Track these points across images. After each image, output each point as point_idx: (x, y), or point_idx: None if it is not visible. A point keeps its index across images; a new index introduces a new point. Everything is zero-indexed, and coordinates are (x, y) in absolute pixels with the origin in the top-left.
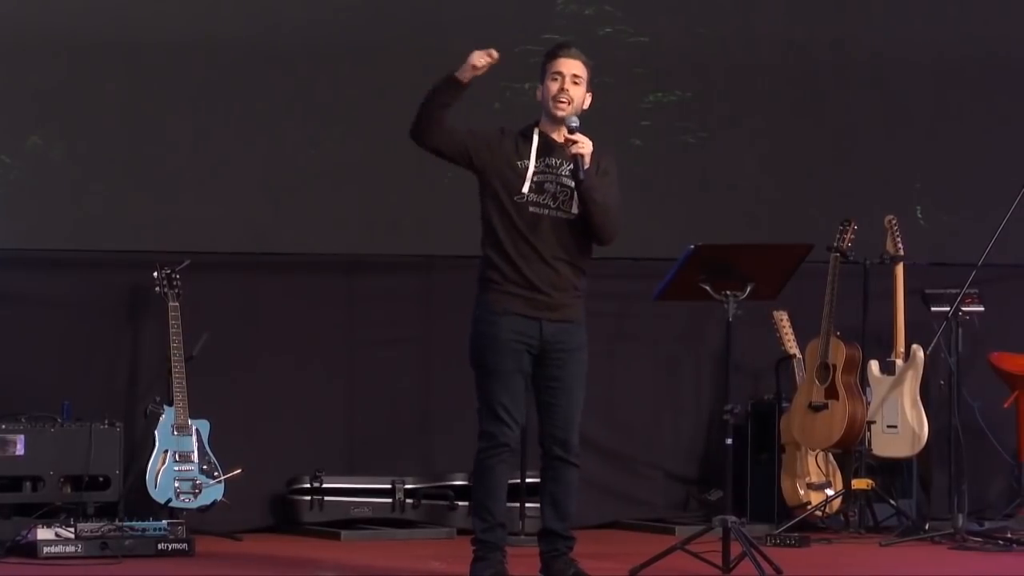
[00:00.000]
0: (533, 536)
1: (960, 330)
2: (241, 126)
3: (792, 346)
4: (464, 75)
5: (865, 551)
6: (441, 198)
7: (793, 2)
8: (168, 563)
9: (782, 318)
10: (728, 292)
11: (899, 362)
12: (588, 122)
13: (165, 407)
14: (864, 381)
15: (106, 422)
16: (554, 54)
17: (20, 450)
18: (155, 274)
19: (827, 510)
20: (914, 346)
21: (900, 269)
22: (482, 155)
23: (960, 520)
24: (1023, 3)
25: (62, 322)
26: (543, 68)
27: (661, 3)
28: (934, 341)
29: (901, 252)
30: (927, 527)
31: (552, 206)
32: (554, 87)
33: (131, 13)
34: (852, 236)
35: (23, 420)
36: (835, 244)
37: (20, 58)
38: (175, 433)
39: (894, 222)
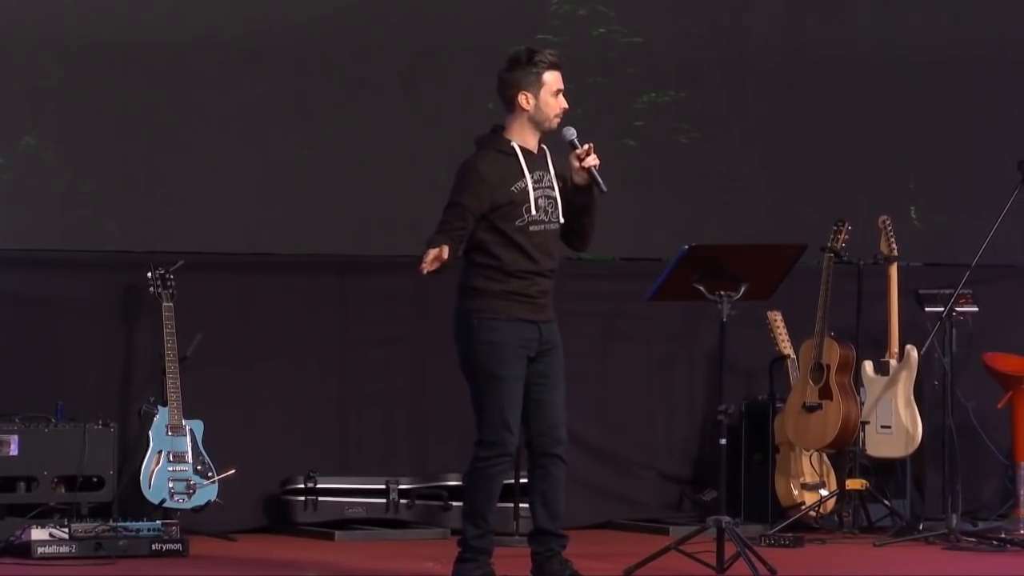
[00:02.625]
0: (527, 536)
1: (954, 330)
2: (234, 126)
3: (786, 346)
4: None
5: (859, 551)
6: (434, 198)
7: (786, 3)
8: (162, 563)
9: (776, 318)
10: (722, 292)
11: (893, 362)
12: (583, 123)
13: (159, 407)
14: (858, 381)
15: (100, 422)
16: (553, 65)
17: (14, 450)
18: (149, 274)
19: (821, 510)
20: (908, 346)
21: (894, 269)
22: (487, 204)
23: (954, 520)
24: (1016, 4)
25: (56, 322)
26: (537, 77)
27: (654, 4)
28: (928, 341)
29: (895, 252)
30: (921, 527)
31: (546, 220)
32: (557, 105)
33: (125, 14)
34: (846, 236)
35: (17, 420)
36: (829, 244)
37: (14, 58)
38: (169, 433)
39: (888, 222)
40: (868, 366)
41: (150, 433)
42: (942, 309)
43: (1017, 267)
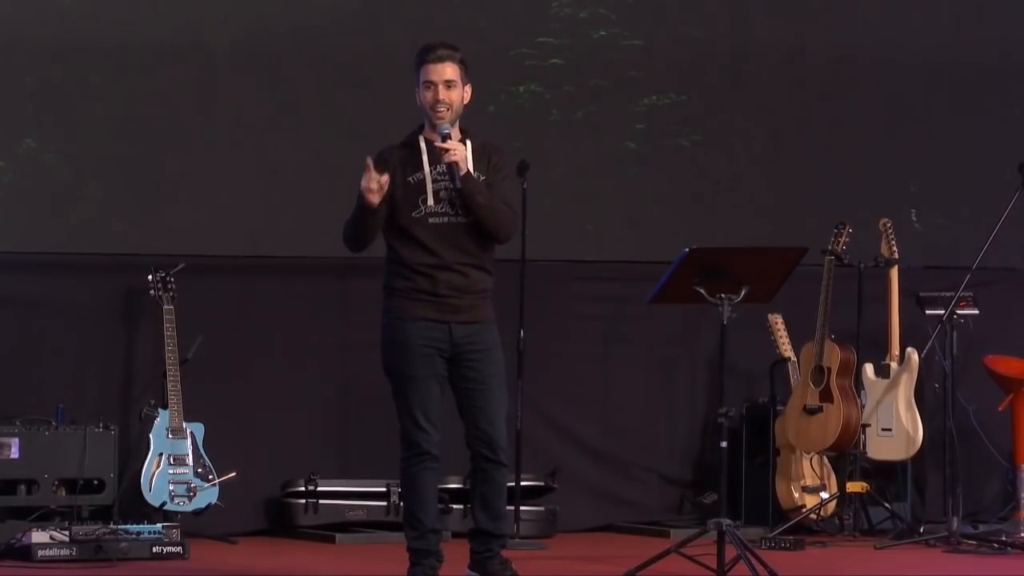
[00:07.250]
0: (528, 539)
1: (955, 333)
2: (235, 130)
3: (787, 349)
4: (373, 201)
5: (860, 554)
6: None
7: (787, 6)
8: (163, 566)
9: (777, 321)
10: (723, 295)
11: (894, 365)
12: (583, 125)
13: (160, 410)
14: (859, 384)
15: (101, 425)
16: (422, 60)
17: (15, 453)
18: (150, 277)
19: (822, 513)
20: (909, 349)
21: (895, 272)
22: (387, 191)
23: (955, 523)
24: (1018, 7)
25: (57, 325)
26: (415, 73)
27: (656, 6)
28: (929, 344)
29: (896, 255)
30: (922, 530)
31: (451, 212)
32: (429, 97)
33: (125, 17)
34: (846, 239)
35: (18, 423)
36: (830, 247)
37: (14, 61)
38: (170, 436)
39: (888, 225)
40: (869, 369)
41: (151, 436)
42: (943, 312)
43: (1018, 270)
